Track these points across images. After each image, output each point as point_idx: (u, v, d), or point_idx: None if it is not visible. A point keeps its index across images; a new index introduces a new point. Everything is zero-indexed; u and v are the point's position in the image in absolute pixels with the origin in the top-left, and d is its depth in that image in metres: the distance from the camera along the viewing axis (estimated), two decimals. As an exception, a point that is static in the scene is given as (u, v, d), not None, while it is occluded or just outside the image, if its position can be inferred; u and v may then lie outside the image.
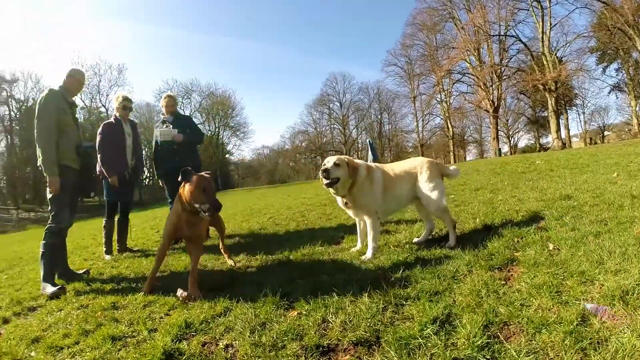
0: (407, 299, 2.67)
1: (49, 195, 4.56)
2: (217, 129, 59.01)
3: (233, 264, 4.41)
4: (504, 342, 2.02)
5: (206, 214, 3.47)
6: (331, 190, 3.98)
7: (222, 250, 4.77)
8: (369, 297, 2.72)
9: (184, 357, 2.35)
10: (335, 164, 3.89)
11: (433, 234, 4.47)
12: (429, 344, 2.08)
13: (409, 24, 51.49)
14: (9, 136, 55.84)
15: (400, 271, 3.18)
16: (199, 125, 7.65)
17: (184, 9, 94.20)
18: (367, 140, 24.98)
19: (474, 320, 2.19)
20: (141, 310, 3.31)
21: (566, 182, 6.87)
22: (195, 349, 2.42)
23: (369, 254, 3.88)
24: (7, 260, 9.06)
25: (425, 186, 4.03)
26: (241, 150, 64.03)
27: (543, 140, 54.30)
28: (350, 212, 4.24)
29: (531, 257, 3.05)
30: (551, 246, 3.26)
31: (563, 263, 2.82)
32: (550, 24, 37.23)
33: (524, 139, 60.01)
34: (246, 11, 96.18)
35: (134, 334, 2.84)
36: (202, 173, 3.72)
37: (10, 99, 55.19)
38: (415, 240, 4.34)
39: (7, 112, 55.86)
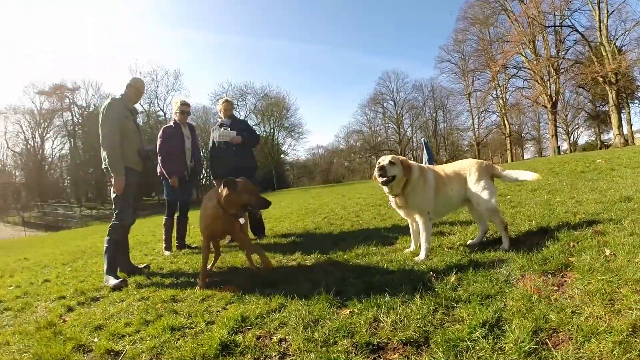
0: (458, 302, 2.64)
1: (113, 195, 4.84)
2: (272, 130, 59.75)
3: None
4: (552, 349, 1.97)
5: (257, 211, 3.67)
6: (385, 189, 3.98)
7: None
8: (420, 298, 2.71)
9: (239, 349, 2.43)
10: (391, 162, 3.89)
11: (487, 236, 4.37)
12: (477, 347, 2.06)
13: (461, 18, 50.43)
14: (72, 140, 59.29)
15: (453, 273, 3.14)
16: (254, 127, 7.85)
17: (235, 15, 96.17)
18: (422, 139, 24.72)
19: (524, 325, 2.15)
20: (199, 303, 3.45)
21: (627, 182, 6.56)
22: (250, 342, 2.50)
23: (422, 255, 3.86)
24: (71, 253, 9.65)
25: (475, 187, 3.97)
26: (296, 151, 64.82)
27: (604, 137, 51.60)
28: (401, 213, 4.22)
29: (586, 263, 2.91)
30: (607, 252, 3.10)
31: (618, 270, 2.68)
32: (607, 11, 35.35)
33: (584, 136, 57.37)
34: (295, 14, 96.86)
35: (192, 325, 2.96)
36: (239, 178, 4.00)
37: (72, 106, 58.58)
38: (469, 242, 4.27)
39: (70, 118, 59.35)
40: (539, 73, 40.02)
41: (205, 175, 49.26)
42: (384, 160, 3.94)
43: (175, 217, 6.67)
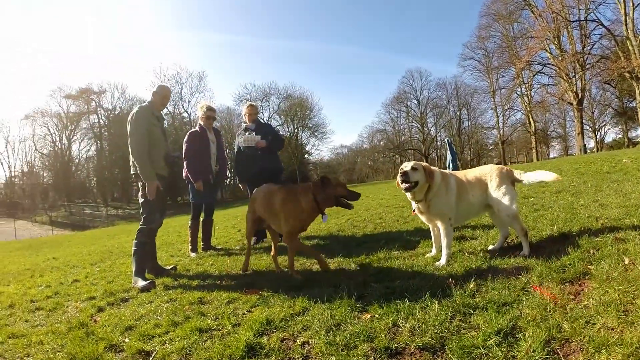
0: (475, 309, 2.68)
1: (141, 200, 5.01)
2: (295, 130, 59.84)
3: None
4: (562, 359, 2.01)
5: (350, 203, 4.26)
6: (408, 195, 4.05)
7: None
8: (438, 305, 2.77)
9: (264, 351, 2.53)
10: (413, 168, 3.95)
11: (509, 241, 4.38)
12: (490, 355, 2.10)
13: (484, 14, 49.92)
14: (98, 142, 60.64)
15: (472, 280, 3.17)
16: (277, 127, 7.92)
17: (257, 17, 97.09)
18: (446, 139, 24.52)
19: (537, 334, 2.18)
20: (225, 306, 3.58)
21: None
22: (274, 344, 2.60)
23: (442, 260, 3.91)
24: (98, 254, 9.91)
25: (496, 193, 4.00)
26: (320, 150, 64.61)
27: (632, 134, 50.38)
28: (423, 218, 4.26)
29: (604, 272, 2.87)
30: (627, 260, 3.03)
31: (636, 280, 2.64)
32: (633, 4, 34.45)
33: (611, 133, 55.87)
34: (317, 14, 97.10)
35: (219, 327, 3.08)
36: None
37: (99, 109, 59.90)
38: (490, 247, 4.28)
39: (96, 120, 60.73)
40: (564, 69, 39.29)
41: (229, 175, 49.90)
42: (407, 166, 3.99)
43: (201, 219, 6.83)
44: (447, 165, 18.61)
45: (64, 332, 3.47)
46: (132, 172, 5.03)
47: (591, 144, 48.33)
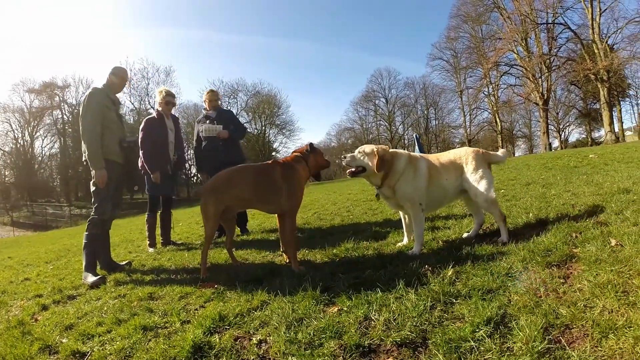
0: (457, 297, 2.44)
1: (92, 188, 4.63)
2: (263, 127, 59.11)
3: None
4: (567, 347, 1.78)
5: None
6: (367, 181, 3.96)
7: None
8: (415, 294, 2.51)
9: (214, 351, 2.22)
10: (360, 153, 3.87)
11: (484, 228, 4.23)
12: (482, 348, 1.86)
13: (453, 15, 50.12)
14: (62, 138, 58.60)
15: (450, 267, 2.94)
16: (245, 124, 7.57)
17: (227, 13, 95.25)
18: (414, 135, 24.55)
19: (533, 322, 1.96)
20: (177, 301, 3.24)
21: (623, 175, 6.47)
22: (226, 343, 2.29)
23: (415, 248, 3.66)
24: (55, 252, 9.32)
25: (472, 177, 3.78)
26: (287, 148, 63.52)
27: (595, 134, 51.69)
28: (390, 204, 4.06)
29: (592, 254, 2.75)
30: (613, 242, 2.95)
31: (628, 260, 2.51)
32: (600, 9, 35.36)
33: (575, 133, 57.15)
34: (286, 11, 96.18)
35: (166, 324, 2.76)
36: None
37: (62, 104, 57.86)
38: (465, 235, 4.10)
39: (60, 116, 58.62)
40: (531, 70, 39.99)
41: (195, 173, 48.94)
42: (357, 150, 3.91)
43: (159, 213, 6.43)
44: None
45: (1, 332, 3.18)
46: (83, 159, 4.61)
47: (555, 143, 49.43)
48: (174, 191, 6.62)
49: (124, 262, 5.16)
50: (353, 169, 3.88)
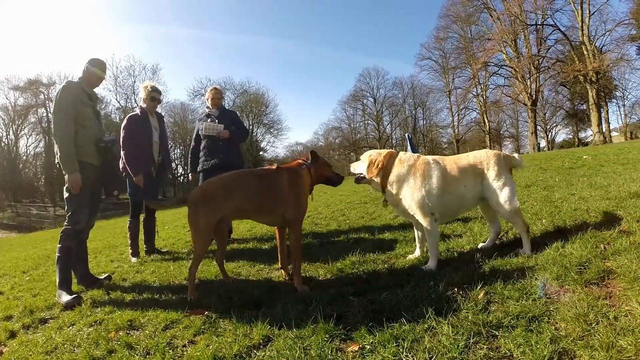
0: (498, 328, 2.06)
1: (65, 194, 4.15)
2: (250, 127, 58.58)
3: None
4: None
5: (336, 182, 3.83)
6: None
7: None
8: (448, 325, 2.11)
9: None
10: (361, 160, 3.74)
11: (499, 237, 3.88)
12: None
13: (443, 15, 50.27)
14: (47, 137, 57.36)
15: (478, 287, 2.56)
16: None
17: (215, 11, 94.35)
18: (406, 134, 24.27)
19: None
20: (161, 332, 2.76)
21: (625, 178, 6.30)
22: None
23: (431, 263, 3.26)
24: (34, 259, 8.76)
25: (495, 184, 3.38)
26: (275, 147, 63.27)
27: (581, 135, 52.24)
28: (397, 212, 3.73)
29: (629, 269, 2.46)
30: None
31: None
32: (589, 11, 35.83)
33: (562, 133, 57.70)
34: (274, 10, 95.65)
35: (149, 369, 2.28)
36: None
37: (48, 102, 56.63)
38: (481, 245, 3.71)
39: (45, 114, 57.41)
40: (520, 71, 40.13)
41: (182, 172, 48.23)
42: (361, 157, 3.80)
43: (142, 218, 5.93)
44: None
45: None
46: (56, 160, 4.12)
47: (542, 143, 49.69)
48: (159, 195, 6.10)
49: (103, 276, 4.69)
50: (355, 176, 3.73)
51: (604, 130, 37.00)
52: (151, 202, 4.60)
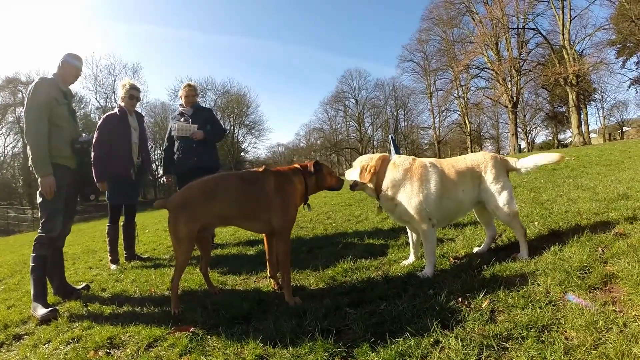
0: (508, 339, 1.96)
1: (39, 199, 3.88)
2: (232, 127, 58.19)
3: None
4: None
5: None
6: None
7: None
8: (456, 338, 1.97)
9: None
10: (354, 166, 3.60)
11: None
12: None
13: (425, 18, 50.52)
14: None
15: (481, 295, 2.44)
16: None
17: (197, 11, 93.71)
18: (389, 136, 24.21)
19: None
20: (144, 352, 2.53)
21: (611, 179, 6.35)
22: None
23: (427, 270, 3.12)
24: (10, 265, 8.35)
25: (492, 187, 3.27)
26: (256, 148, 63.17)
27: (561, 136, 53.22)
28: (393, 218, 3.54)
29: (631, 272, 2.42)
30: None
31: None
32: (570, 16, 36.27)
33: (542, 135, 58.74)
34: (257, 11, 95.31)
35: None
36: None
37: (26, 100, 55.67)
38: (476, 250, 3.61)
39: (23, 113, 56.30)
40: (501, 74, 40.48)
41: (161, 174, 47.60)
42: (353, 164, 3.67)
43: (121, 223, 5.65)
44: (392, 161, 18.31)
45: None
46: (29, 163, 3.88)
47: (523, 144, 50.32)
48: (137, 199, 5.81)
49: (81, 286, 4.44)
50: (350, 184, 3.61)
51: (583, 132, 37.56)
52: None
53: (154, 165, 48.05)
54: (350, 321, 2.41)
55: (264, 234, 3.51)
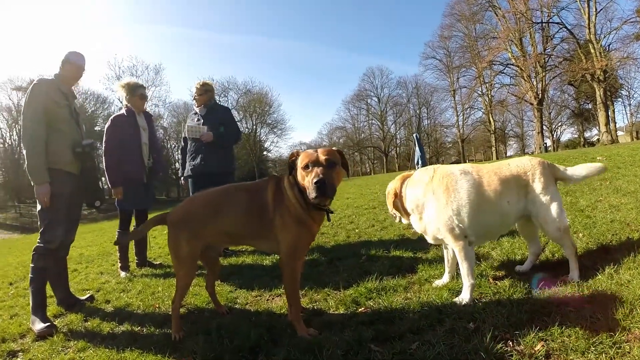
0: None
1: (38, 207, 3.63)
2: (254, 126, 58.47)
3: None
4: None
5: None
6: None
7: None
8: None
9: None
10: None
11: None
12: None
13: (447, 14, 50.13)
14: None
15: (532, 334, 2.02)
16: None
17: (218, 11, 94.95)
18: (414, 135, 23.81)
19: None
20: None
21: None
22: None
23: (465, 296, 2.68)
24: (25, 267, 8.01)
25: (542, 199, 2.82)
26: (279, 147, 63.11)
27: (587, 134, 51.88)
28: (428, 240, 3.10)
29: None
30: None
31: None
32: (596, 9, 35.48)
33: (567, 133, 57.40)
34: (278, 10, 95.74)
35: None
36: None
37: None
38: (519, 268, 3.16)
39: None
40: (526, 70, 39.60)
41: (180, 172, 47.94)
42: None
43: (132, 229, 5.36)
44: (416, 161, 17.94)
45: None
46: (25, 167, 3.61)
47: (548, 142, 49.26)
48: (150, 204, 5.52)
49: (85, 296, 4.18)
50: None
51: (611, 129, 36.45)
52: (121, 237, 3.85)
53: (176, 165, 48.63)
54: (373, 361, 2.00)
55: None
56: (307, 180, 2.37)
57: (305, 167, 2.42)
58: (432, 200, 2.86)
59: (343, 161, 2.61)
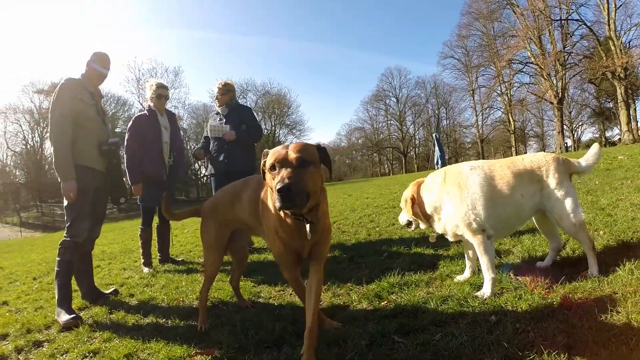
0: None
1: (64, 202, 3.74)
2: (273, 127, 58.61)
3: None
4: None
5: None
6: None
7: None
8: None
9: None
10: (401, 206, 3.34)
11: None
12: None
13: (464, 13, 49.39)
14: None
15: (553, 326, 2.02)
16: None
17: (236, 14, 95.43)
18: (434, 135, 23.78)
19: None
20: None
21: None
22: None
23: (486, 289, 2.69)
24: (48, 263, 8.33)
25: (557, 194, 2.82)
26: (298, 148, 63.22)
27: (608, 133, 50.83)
28: (449, 238, 3.16)
29: None
30: None
31: None
32: (615, 5, 34.54)
33: (588, 132, 56.18)
34: (296, 11, 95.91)
35: None
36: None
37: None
38: (539, 264, 3.15)
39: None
40: (545, 68, 38.96)
41: (205, 172, 48.31)
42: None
43: (155, 225, 5.51)
44: (435, 161, 17.89)
45: None
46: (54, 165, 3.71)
47: (568, 142, 48.45)
48: (172, 200, 5.61)
49: (109, 290, 4.29)
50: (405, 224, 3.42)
51: (632, 128, 35.70)
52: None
53: (196, 165, 49.14)
54: (399, 354, 2.04)
55: None
56: (273, 185, 1.89)
57: (272, 168, 1.95)
58: (447, 201, 2.92)
59: (324, 158, 2.12)
